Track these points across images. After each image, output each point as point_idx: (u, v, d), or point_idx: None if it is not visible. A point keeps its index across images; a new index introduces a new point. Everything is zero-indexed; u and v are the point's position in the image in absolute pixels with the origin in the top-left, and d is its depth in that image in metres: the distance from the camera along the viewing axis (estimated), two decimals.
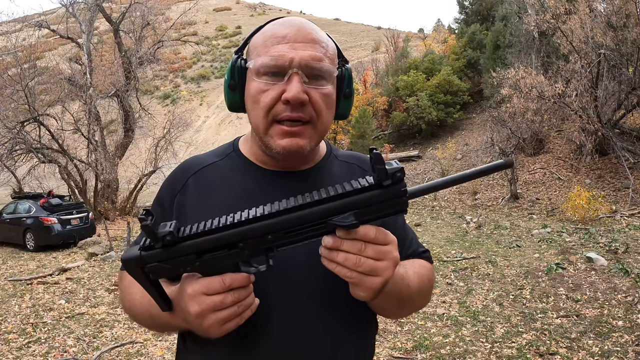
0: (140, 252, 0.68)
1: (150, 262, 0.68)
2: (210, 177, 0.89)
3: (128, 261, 0.69)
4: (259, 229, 0.65)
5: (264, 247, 0.67)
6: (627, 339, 3.82)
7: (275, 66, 0.77)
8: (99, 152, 14.63)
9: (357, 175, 0.79)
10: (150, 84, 36.63)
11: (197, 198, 0.87)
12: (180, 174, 0.92)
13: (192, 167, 0.92)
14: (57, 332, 4.77)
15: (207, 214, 0.78)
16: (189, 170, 0.91)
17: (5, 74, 13.95)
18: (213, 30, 57.78)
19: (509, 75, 12.60)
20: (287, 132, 0.78)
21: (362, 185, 0.64)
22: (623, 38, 11.24)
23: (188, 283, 0.71)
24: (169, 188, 0.92)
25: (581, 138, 12.49)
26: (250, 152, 0.91)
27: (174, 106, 30.38)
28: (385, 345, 4.02)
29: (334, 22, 63.16)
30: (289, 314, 0.79)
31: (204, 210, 0.84)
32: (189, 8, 19.70)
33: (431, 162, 16.94)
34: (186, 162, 0.95)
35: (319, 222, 0.64)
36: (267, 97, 0.78)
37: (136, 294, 0.84)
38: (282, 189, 0.84)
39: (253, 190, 0.85)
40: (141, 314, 0.86)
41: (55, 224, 10.09)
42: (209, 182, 0.89)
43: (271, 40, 0.79)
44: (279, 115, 0.78)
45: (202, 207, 0.86)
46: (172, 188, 0.91)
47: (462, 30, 22.54)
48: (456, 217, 11.49)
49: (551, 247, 7.36)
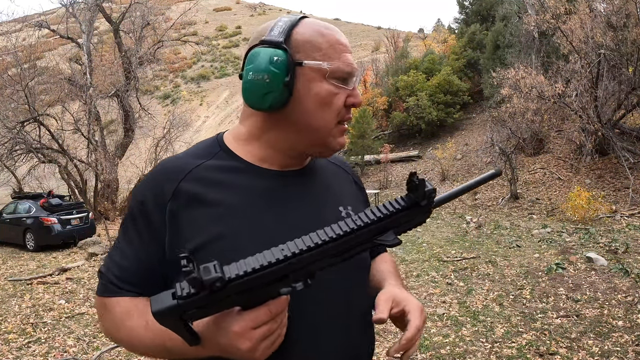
0: (178, 302, 0.60)
1: (190, 309, 0.61)
2: (206, 180, 0.81)
3: (164, 313, 0.60)
4: (310, 258, 0.65)
5: (309, 271, 0.67)
6: (627, 339, 3.82)
7: (349, 73, 0.83)
8: (99, 152, 14.63)
9: (341, 173, 1.00)
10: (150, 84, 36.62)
11: (200, 204, 0.79)
12: (165, 180, 0.81)
13: (178, 170, 0.82)
14: (57, 332, 4.77)
15: (218, 221, 0.78)
16: (177, 174, 0.81)
17: (5, 74, 13.94)
18: (213, 30, 57.75)
19: (508, 75, 12.60)
20: (344, 131, 0.87)
21: (402, 206, 0.70)
22: (623, 38, 11.24)
23: (231, 320, 0.67)
24: (154, 195, 0.81)
25: (581, 138, 12.49)
26: (244, 151, 0.86)
27: (174, 106, 30.41)
28: (385, 345, 4.02)
29: (334, 22, 63.11)
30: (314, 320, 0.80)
31: (212, 217, 0.79)
32: (189, 8, 19.69)
33: (431, 162, 16.94)
34: (166, 164, 0.85)
35: (363, 242, 0.69)
36: (339, 100, 0.82)
37: (138, 327, 0.77)
38: (288, 188, 0.85)
39: (259, 192, 0.83)
40: (148, 348, 0.78)
41: (55, 224, 10.09)
42: (211, 185, 0.81)
43: (339, 47, 0.83)
44: (344, 117, 0.85)
45: (206, 217, 0.79)
46: (158, 195, 0.80)
47: (462, 30, 22.55)
48: (456, 217, 11.49)
49: (551, 247, 7.36)
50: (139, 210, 0.82)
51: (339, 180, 0.97)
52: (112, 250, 0.85)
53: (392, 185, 16.11)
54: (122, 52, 15.97)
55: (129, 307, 0.79)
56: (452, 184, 14.88)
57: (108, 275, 0.82)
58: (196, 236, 0.78)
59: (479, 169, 15.18)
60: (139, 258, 0.81)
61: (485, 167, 15.14)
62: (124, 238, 0.84)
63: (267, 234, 0.78)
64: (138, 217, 0.82)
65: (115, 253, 0.84)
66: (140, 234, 0.81)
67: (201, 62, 48.66)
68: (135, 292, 0.81)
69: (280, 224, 0.81)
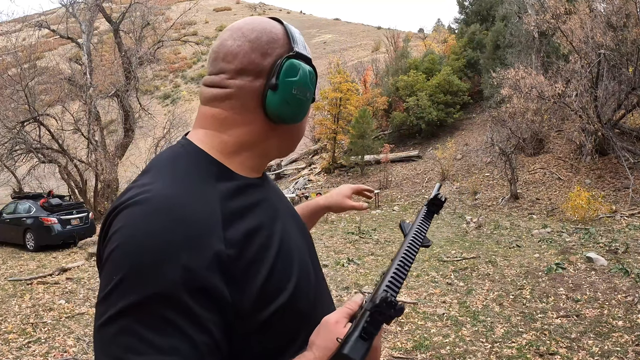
0: (370, 340, 0.61)
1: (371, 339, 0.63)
2: (239, 211, 0.71)
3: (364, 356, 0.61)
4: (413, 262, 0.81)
5: None
6: (627, 339, 3.82)
7: None
8: (99, 152, 14.63)
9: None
10: (150, 84, 36.62)
11: (249, 238, 0.69)
12: (198, 230, 0.63)
13: (208, 212, 0.66)
14: (57, 332, 4.77)
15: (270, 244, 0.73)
16: (211, 217, 0.66)
17: (5, 74, 13.95)
18: (213, 30, 57.72)
19: (508, 76, 12.60)
20: None
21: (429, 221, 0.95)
22: (623, 38, 11.24)
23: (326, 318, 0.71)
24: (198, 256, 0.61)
25: (581, 138, 12.48)
26: (237, 164, 0.78)
27: (174, 106, 30.37)
28: (385, 345, 4.02)
29: (334, 22, 63.11)
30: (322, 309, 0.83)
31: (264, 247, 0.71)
32: (189, 8, 19.71)
33: (431, 162, 16.94)
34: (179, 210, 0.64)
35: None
36: None
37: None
38: (272, 193, 0.87)
39: (272, 203, 0.82)
40: None
41: (55, 224, 10.09)
42: (244, 216, 0.71)
43: None
44: None
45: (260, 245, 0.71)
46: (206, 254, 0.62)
47: (462, 30, 22.54)
48: (456, 217, 11.49)
49: (551, 247, 7.36)
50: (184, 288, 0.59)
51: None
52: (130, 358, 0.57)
53: (392, 185, 16.10)
54: (122, 52, 15.97)
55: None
56: (452, 184, 14.88)
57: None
58: (263, 266, 0.70)
59: (479, 169, 15.19)
60: (200, 341, 0.60)
61: (485, 167, 15.14)
62: (156, 334, 0.58)
63: (292, 236, 0.82)
64: (183, 295, 0.59)
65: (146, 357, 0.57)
66: (192, 315, 0.60)
67: (201, 62, 48.63)
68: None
69: (292, 224, 0.86)
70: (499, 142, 13.28)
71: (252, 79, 0.75)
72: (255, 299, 0.67)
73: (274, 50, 0.76)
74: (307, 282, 0.80)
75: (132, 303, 0.58)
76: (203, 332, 0.60)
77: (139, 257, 0.60)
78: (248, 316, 0.67)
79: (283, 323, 0.72)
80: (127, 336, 0.58)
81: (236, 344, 0.67)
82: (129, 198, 0.65)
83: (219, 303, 0.62)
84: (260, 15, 0.85)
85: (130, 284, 0.59)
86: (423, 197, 14.55)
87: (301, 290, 0.76)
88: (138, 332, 0.58)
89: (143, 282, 0.59)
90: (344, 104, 18.87)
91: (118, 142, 16.38)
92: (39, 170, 14.71)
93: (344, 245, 8.64)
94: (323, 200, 1.27)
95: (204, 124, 0.78)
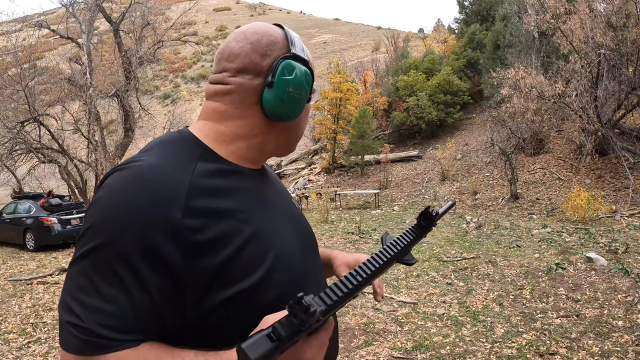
0: (279, 342, 0.56)
1: (287, 347, 0.58)
2: (212, 187, 0.75)
3: (266, 357, 0.55)
4: (371, 279, 0.74)
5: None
6: (627, 339, 3.82)
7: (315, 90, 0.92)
8: (99, 152, 14.61)
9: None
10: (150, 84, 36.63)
11: (219, 216, 0.73)
12: (165, 202, 0.68)
13: (174, 183, 0.71)
14: (57, 332, 4.76)
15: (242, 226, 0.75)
16: (176, 188, 0.70)
17: (5, 74, 13.94)
18: (213, 30, 57.75)
19: (509, 75, 12.60)
20: None
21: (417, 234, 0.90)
22: (623, 38, 11.24)
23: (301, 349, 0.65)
24: (153, 227, 0.67)
25: (581, 138, 12.48)
26: (229, 152, 0.82)
27: (174, 106, 30.38)
28: (385, 345, 4.02)
29: (334, 22, 63.10)
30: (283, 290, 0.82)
31: (235, 226, 0.74)
32: (189, 8, 19.68)
33: (431, 162, 16.94)
34: (152, 181, 0.70)
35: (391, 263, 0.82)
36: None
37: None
38: (269, 185, 0.91)
39: (258, 194, 0.85)
40: None
41: (55, 224, 10.09)
42: (217, 194, 0.75)
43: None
44: None
45: (231, 225, 0.74)
46: (162, 219, 0.67)
47: (462, 30, 22.55)
48: (456, 217, 11.49)
49: (551, 247, 7.36)
50: (137, 248, 0.66)
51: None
52: (78, 296, 0.67)
53: (392, 185, 16.10)
54: (122, 52, 15.96)
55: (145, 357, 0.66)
56: (452, 184, 14.89)
57: (92, 327, 0.65)
58: (227, 246, 0.72)
59: (479, 169, 15.19)
60: (143, 300, 0.66)
61: (485, 167, 15.14)
62: (103, 281, 0.66)
63: (280, 232, 0.83)
64: (135, 256, 0.66)
65: (90, 299, 0.66)
66: (141, 274, 0.66)
67: (201, 62, 48.66)
68: (138, 339, 0.67)
69: (284, 221, 0.88)
70: (499, 142, 13.28)
71: (251, 77, 0.82)
72: (214, 276, 0.70)
73: (272, 52, 0.82)
74: (286, 277, 0.79)
75: (90, 248, 0.68)
76: (143, 291, 0.66)
77: (106, 210, 0.69)
78: (204, 292, 0.70)
79: (245, 312, 0.72)
80: (82, 277, 0.68)
81: (190, 319, 0.70)
82: (122, 164, 0.76)
83: (166, 268, 0.67)
84: (260, 15, 0.88)
85: (94, 232, 0.69)
86: (423, 197, 14.55)
87: (272, 284, 0.75)
88: (90, 276, 0.67)
89: (103, 232, 0.68)
90: (344, 104, 18.87)
91: (118, 142, 16.37)
92: (39, 170, 14.70)
93: (344, 245, 8.64)
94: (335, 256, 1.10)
95: (205, 116, 0.85)
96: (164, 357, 0.66)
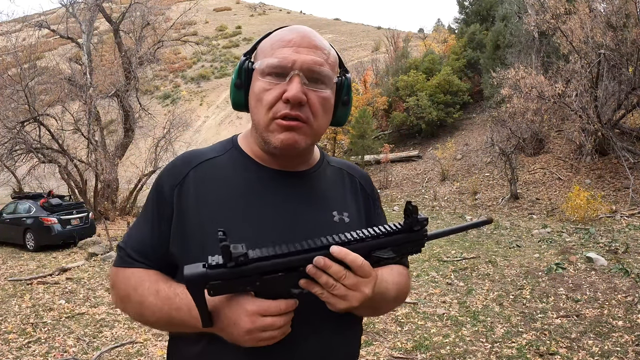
0: (207, 270, 0.70)
1: (215, 280, 0.70)
2: (211, 171, 0.91)
3: (193, 278, 0.69)
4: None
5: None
6: (627, 339, 3.82)
7: (279, 67, 0.82)
8: (99, 152, 14.62)
9: (346, 180, 1.00)
10: (150, 84, 36.65)
11: (197, 192, 0.88)
12: (181, 165, 0.92)
13: (192, 160, 0.92)
14: (57, 332, 4.76)
15: (208, 209, 0.87)
16: (190, 163, 0.92)
17: (5, 74, 13.94)
18: (213, 30, 57.75)
19: (509, 75, 12.60)
20: (285, 127, 0.83)
21: (397, 228, 0.77)
22: (623, 38, 11.24)
23: (245, 300, 0.74)
24: (169, 177, 0.91)
25: (581, 138, 12.48)
26: (250, 149, 0.93)
27: (174, 106, 30.36)
28: (385, 345, 4.02)
29: (334, 22, 63.09)
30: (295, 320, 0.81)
31: (204, 205, 0.87)
32: (189, 8, 19.68)
33: (431, 162, 16.94)
34: (186, 154, 0.96)
35: (365, 254, 0.75)
36: (269, 95, 0.83)
37: (149, 295, 0.84)
38: (283, 188, 0.90)
39: (255, 188, 0.89)
40: (155, 317, 0.84)
41: (55, 224, 10.08)
42: (210, 177, 0.90)
43: (278, 43, 0.85)
44: (279, 113, 0.83)
45: (201, 202, 0.87)
46: (172, 178, 0.90)
47: (462, 30, 22.55)
48: (456, 217, 11.49)
49: (551, 247, 7.36)
50: (156, 190, 0.92)
51: (341, 187, 0.98)
52: (132, 225, 0.95)
53: (392, 185, 16.11)
54: (122, 52, 15.96)
55: (142, 277, 0.87)
56: (452, 184, 14.89)
57: (126, 248, 0.91)
58: (192, 219, 0.86)
59: (479, 169, 15.19)
60: (154, 234, 0.89)
61: (485, 167, 15.14)
62: (143, 215, 0.93)
63: (252, 225, 0.85)
64: (155, 196, 0.91)
65: (134, 228, 0.94)
66: (156, 212, 0.90)
67: (201, 62, 48.65)
68: (148, 264, 0.89)
69: (266, 218, 0.86)
70: (499, 142, 13.28)
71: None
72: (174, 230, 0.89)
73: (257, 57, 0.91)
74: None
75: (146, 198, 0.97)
76: (156, 223, 0.90)
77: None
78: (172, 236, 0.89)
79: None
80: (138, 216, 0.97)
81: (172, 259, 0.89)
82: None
83: (166, 211, 0.89)
84: (260, 16, 0.89)
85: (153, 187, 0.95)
86: (423, 197, 14.55)
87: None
88: (139, 215, 0.96)
89: (152, 187, 0.94)
90: None
91: (118, 142, 16.37)
92: (39, 170, 14.70)
93: None
94: None
95: None
96: (162, 279, 0.86)
